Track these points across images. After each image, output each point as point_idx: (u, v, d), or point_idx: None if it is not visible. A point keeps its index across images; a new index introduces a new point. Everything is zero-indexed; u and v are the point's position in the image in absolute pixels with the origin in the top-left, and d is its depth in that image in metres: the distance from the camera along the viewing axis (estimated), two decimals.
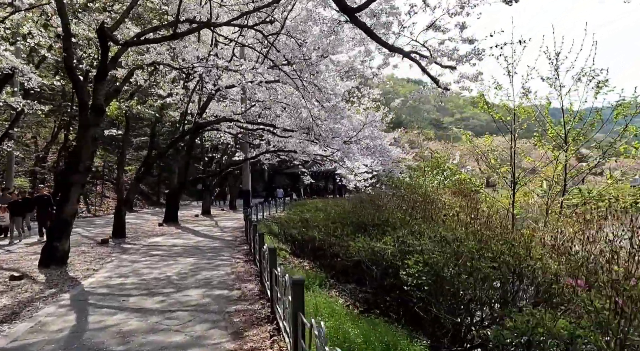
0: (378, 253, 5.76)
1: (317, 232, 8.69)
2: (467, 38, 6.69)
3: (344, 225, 8.62)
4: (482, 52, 6.63)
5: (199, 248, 12.14)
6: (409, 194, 9.92)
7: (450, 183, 11.41)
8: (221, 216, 25.07)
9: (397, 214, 8.21)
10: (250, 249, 10.82)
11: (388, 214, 8.56)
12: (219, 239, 14.04)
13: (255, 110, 17.13)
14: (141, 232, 16.47)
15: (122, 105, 13.63)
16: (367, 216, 8.70)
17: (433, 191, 10.43)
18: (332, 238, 8.03)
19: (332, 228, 8.49)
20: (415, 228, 6.45)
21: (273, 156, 26.20)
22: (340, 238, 7.77)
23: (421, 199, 9.06)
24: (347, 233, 8.01)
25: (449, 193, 9.85)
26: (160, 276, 8.01)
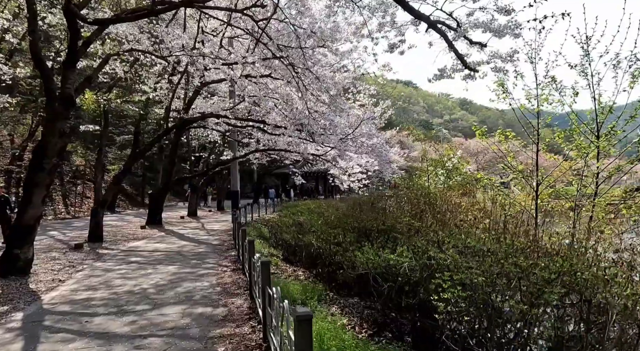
0: (394, 266, 4.88)
1: (315, 239, 7.78)
2: (502, 8, 5.80)
3: (345, 231, 7.72)
4: (520, 26, 5.75)
5: (182, 253, 11.12)
6: (414, 195, 9.06)
7: (456, 183, 10.66)
8: (208, 217, 23.98)
9: (403, 218, 7.37)
10: (239, 256, 9.86)
11: (394, 219, 7.68)
12: (205, 244, 13.02)
13: (245, 105, 16.14)
14: (121, 235, 15.35)
15: (100, 98, 12.54)
16: (371, 221, 7.79)
17: (439, 191, 9.63)
18: (332, 246, 7.12)
19: (332, 234, 7.59)
20: (431, 235, 5.58)
21: (263, 156, 25.22)
22: (343, 246, 6.87)
23: (429, 201, 8.21)
24: (349, 241, 7.11)
25: (458, 194, 9.05)
26: (135, 289, 7.01)
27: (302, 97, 8.98)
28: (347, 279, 6.31)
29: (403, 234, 6.72)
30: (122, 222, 20.57)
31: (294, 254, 10.91)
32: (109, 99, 12.94)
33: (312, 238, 7.89)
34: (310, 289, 6.44)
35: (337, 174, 22.66)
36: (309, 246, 8.29)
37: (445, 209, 7.82)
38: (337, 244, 7.12)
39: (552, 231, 5.90)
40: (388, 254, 5.21)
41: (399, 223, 7.39)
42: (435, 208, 8.00)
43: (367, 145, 12.41)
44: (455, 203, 7.94)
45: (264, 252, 11.34)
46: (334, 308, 5.95)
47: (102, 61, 9.47)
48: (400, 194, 10.24)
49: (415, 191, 9.70)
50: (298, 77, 8.51)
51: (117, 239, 14.26)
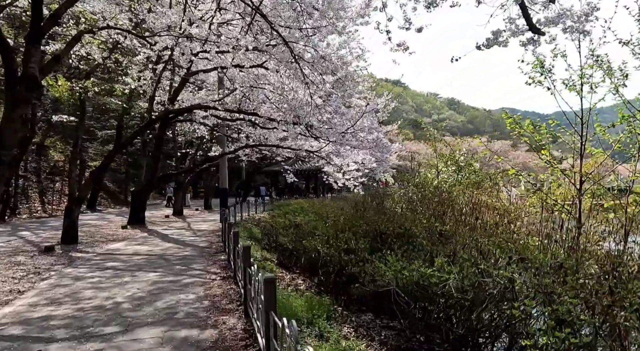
0: (434, 285, 3.90)
1: (321, 245, 6.77)
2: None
3: (356, 235, 6.73)
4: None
5: (165, 257, 10.02)
6: (430, 194, 8.11)
7: (471, 180, 9.79)
8: (195, 216, 22.78)
9: (422, 220, 6.44)
10: (229, 260, 8.83)
11: (411, 221, 6.73)
12: (191, 246, 11.92)
13: (235, 98, 15.05)
14: (99, 236, 14.13)
15: (76, 86, 11.32)
16: (385, 224, 6.80)
17: (460, 189, 8.74)
18: (342, 254, 6.10)
19: (342, 239, 6.57)
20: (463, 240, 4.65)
21: (253, 152, 24.09)
22: (357, 255, 5.87)
23: (449, 201, 7.28)
24: (363, 247, 6.13)
25: (483, 193, 8.17)
26: (107, 303, 5.92)
27: (303, 82, 7.96)
28: (363, 294, 5.34)
29: (425, 239, 5.79)
30: (102, 221, 19.28)
31: (290, 258, 9.91)
32: (85, 87, 11.72)
33: (318, 243, 6.88)
34: (316, 304, 5.45)
35: (331, 171, 21.70)
36: (310, 251, 7.30)
37: (470, 209, 6.90)
38: (349, 252, 6.13)
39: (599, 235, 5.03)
40: (421, 266, 4.25)
41: (417, 225, 6.44)
42: (456, 208, 7.08)
43: (369, 139, 11.47)
44: (480, 202, 7.03)
45: (256, 256, 10.31)
46: (345, 329, 4.97)
47: (73, 39, 8.32)
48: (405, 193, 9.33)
49: (429, 189, 8.77)
50: (299, 58, 7.47)
51: (95, 241, 13.06)
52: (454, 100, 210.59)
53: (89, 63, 13.22)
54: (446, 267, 3.95)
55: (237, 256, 6.71)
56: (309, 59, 7.76)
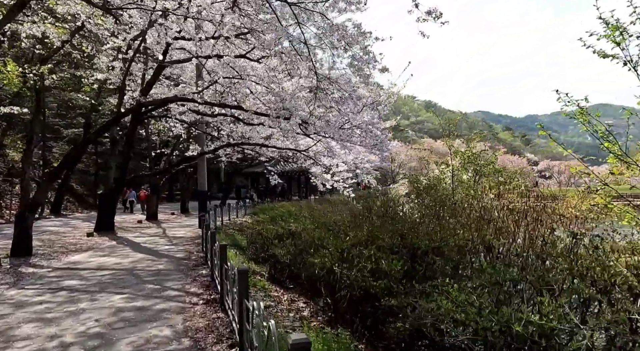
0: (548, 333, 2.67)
1: (336, 262, 5.39)
2: None
3: (382, 250, 5.39)
4: None
5: (135, 272, 8.49)
6: (465, 199, 6.90)
7: (495, 181, 8.72)
8: (171, 221, 21.03)
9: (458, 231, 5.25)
10: (212, 276, 7.42)
11: (447, 232, 5.49)
12: (166, 257, 10.39)
13: (216, 90, 13.57)
14: (60, 246, 12.38)
15: (29, 73, 9.62)
16: (421, 238, 5.46)
17: (483, 194, 7.64)
18: (369, 277, 4.74)
19: (367, 256, 5.19)
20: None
21: (234, 152, 22.57)
22: (392, 278, 4.55)
23: (490, 209, 6.07)
24: (398, 269, 4.81)
25: (511, 196, 7.04)
26: (50, 345, 4.45)
27: (309, 55, 6.62)
28: (403, 334, 4.04)
29: (470, 255, 4.59)
30: (66, 228, 17.37)
31: (282, 271, 8.55)
32: (40, 73, 10.05)
33: (330, 260, 5.50)
34: (330, 340, 4.14)
35: (319, 173, 20.41)
36: (313, 267, 5.98)
37: (532, 218, 5.66)
38: (377, 274, 4.79)
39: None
40: (520, 313, 2.95)
41: (455, 237, 5.22)
42: (507, 217, 5.86)
43: (371, 135, 10.24)
44: (538, 209, 5.85)
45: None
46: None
47: (15, 6, 6.68)
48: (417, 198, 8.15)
49: (447, 195, 7.60)
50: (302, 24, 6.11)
51: (53, 252, 11.34)
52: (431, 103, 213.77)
53: (45, 46, 11.48)
54: (550, 307, 2.72)
55: (225, 276, 5.33)
56: (314, 33, 6.45)
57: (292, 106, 9.58)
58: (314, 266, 5.77)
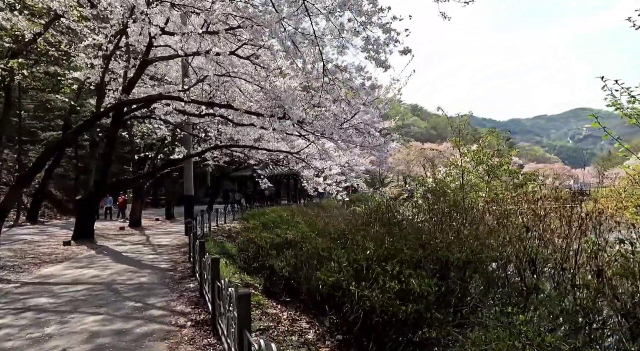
0: None
1: (352, 280, 4.64)
2: None
3: (405, 265, 4.67)
4: None
5: (114, 287, 7.64)
6: (479, 205, 6.21)
7: (512, 184, 8.05)
8: (155, 228, 20.04)
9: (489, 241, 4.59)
10: (201, 291, 6.64)
11: (477, 242, 4.79)
12: (150, 268, 9.54)
13: (203, 88, 12.80)
14: (33, 256, 11.40)
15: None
16: (444, 248, 4.72)
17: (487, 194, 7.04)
18: (395, 300, 4.00)
19: (391, 273, 4.40)
20: None
21: (222, 155, 21.72)
22: (425, 302, 3.79)
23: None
24: (432, 290, 4.09)
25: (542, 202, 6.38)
26: None
27: (313, 44, 5.92)
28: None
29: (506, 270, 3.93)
30: (41, 236, 16.26)
31: (276, 282, 7.80)
32: (9, 68, 9.15)
33: (344, 276, 4.76)
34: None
35: (310, 176, 19.72)
36: (316, 280, 5.26)
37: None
38: (405, 295, 4.07)
39: None
40: None
41: (487, 248, 4.55)
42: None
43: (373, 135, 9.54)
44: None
45: (234, 280, 8.15)
46: None
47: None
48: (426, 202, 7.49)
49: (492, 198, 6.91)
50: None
51: (25, 263, 10.38)
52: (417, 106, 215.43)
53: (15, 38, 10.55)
54: None
55: (218, 295, 4.58)
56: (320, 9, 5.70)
57: (287, 104, 8.88)
58: (319, 281, 5.05)
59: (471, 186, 8.62)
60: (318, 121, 8.64)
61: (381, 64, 5.82)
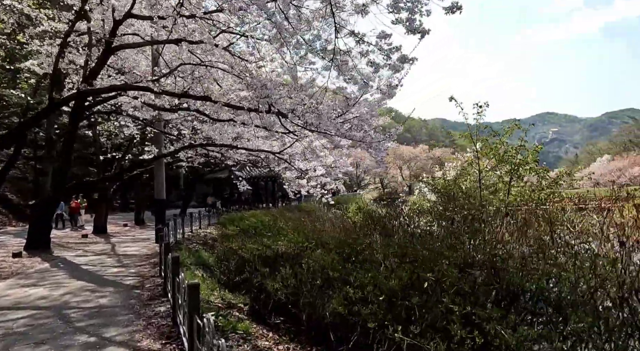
0: None
1: (392, 321, 3.47)
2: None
3: (457, 294, 3.50)
4: None
5: (65, 313, 6.23)
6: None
7: (540, 190, 7.07)
8: (122, 235, 18.32)
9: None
10: (174, 318, 5.36)
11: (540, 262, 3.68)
12: (113, 285, 8.12)
13: (175, 79, 11.44)
14: None
15: None
16: (515, 273, 3.52)
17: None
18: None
19: (464, 314, 3.26)
20: None
21: (197, 155, 20.21)
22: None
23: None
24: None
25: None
26: None
27: (317, 16, 4.76)
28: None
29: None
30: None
31: (266, 303, 6.59)
32: None
33: (384, 316, 3.60)
34: None
35: (292, 178, 18.52)
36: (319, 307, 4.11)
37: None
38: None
39: None
40: None
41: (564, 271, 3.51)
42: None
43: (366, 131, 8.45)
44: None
45: (212, 299, 6.89)
46: None
47: None
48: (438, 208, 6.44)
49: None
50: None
51: None
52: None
53: None
54: None
55: (198, 335, 3.36)
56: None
57: (275, 94, 7.70)
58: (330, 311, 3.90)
59: (487, 187, 7.69)
60: (311, 114, 7.51)
61: (415, 30, 4.69)
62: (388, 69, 5.84)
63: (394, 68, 5.84)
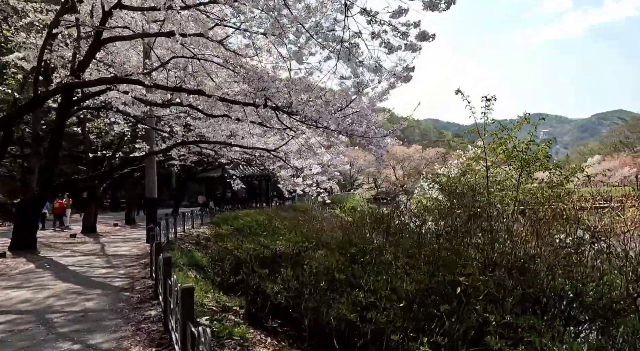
0: None
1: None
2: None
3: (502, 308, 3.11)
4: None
5: (48, 318, 5.84)
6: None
7: (550, 187, 6.74)
8: (112, 234, 17.81)
9: None
10: (166, 324, 5.00)
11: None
12: (101, 288, 7.71)
13: (168, 73, 11.04)
14: None
15: None
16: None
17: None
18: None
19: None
20: None
21: (189, 153, 19.72)
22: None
23: None
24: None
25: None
26: None
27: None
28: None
29: None
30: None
31: (263, 306, 6.25)
32: None
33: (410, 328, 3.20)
34: None
35: (287, 176, 18.17)
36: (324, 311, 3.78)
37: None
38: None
39: None
40: None
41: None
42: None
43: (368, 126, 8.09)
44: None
45: (207, 302, 6.54)
46: None
47: None
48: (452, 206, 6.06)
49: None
50: None
51: None
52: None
53: None
54: None
55: (192, 343, 3.02)
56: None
57: (272, 87, 7.36)
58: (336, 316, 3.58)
59: (496, 183, 7.39)
60: (310, 108, 7.16)
61: (436, 3, 4.28)
62: (404, 49, 5.47)
63: (412, 48, 5.41)
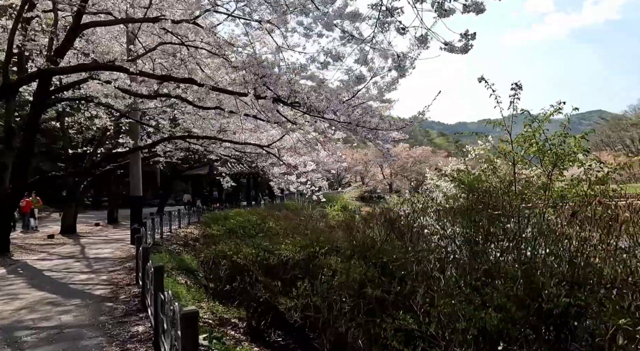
0: None
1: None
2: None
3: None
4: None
5: (17, 336, 5.02)
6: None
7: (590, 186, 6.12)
8: (94, 235, 16.78)
9: None
10: (156, 341, 4.25)
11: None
12: (80, 297, 6.88)
13: (153, 61, 10.20)
14: None
15: None
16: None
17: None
18: None
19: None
20: None
21: (176, 150, 18.77)
22: None
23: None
24: None
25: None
26: None
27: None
28: None
29: None
30: None
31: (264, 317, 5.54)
32: None
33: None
34: None
35: (279, 174, 17.44)
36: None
37: None
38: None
39: None
40: None
41: None
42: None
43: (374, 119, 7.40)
44: None
45: (202, 314, 5.79)
46: None
47: None
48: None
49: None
50: None
51: None
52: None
53: None
54: None
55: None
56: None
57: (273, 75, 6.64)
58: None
59: (522, 181, 6.84)
60: (320, 97, 6.46)
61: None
62: (462, 12, 4.71)
63: (475, 8, 4.52)
